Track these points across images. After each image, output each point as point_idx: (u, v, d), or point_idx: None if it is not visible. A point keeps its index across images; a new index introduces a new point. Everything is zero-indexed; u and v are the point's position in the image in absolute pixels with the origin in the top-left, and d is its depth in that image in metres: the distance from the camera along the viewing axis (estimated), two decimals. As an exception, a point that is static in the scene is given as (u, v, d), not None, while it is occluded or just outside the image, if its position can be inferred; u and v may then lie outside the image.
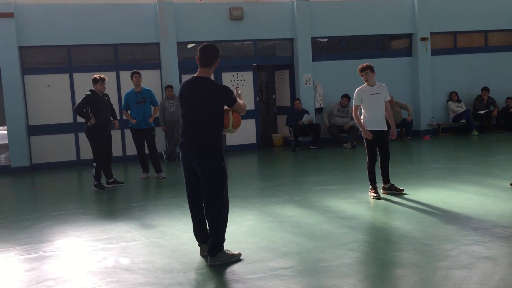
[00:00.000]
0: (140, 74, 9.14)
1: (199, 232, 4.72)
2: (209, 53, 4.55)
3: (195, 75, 4.56)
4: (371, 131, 6.80)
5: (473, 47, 14.13)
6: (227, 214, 4.58)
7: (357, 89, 6.89)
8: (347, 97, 12.50)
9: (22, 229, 6.16)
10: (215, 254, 4.50)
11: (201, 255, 4.71)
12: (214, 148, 4.45)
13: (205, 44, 4.62)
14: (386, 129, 6.86)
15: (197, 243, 4.78)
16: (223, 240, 4.57)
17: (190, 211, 4.71)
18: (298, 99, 12.42)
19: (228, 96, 4.48)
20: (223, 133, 4.61)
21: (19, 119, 11.06)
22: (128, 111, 9.11)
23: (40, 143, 11.42)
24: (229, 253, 4.58)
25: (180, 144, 4.59)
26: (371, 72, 6.78)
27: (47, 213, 6.97)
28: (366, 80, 6.82)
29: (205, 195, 4.50)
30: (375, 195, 6.77)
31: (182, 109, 4.60)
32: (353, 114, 7.00)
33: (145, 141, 9.14)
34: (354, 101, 6.88)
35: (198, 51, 4.55)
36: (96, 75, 8.43)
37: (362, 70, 6.82)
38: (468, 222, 5.46)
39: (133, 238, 5.52)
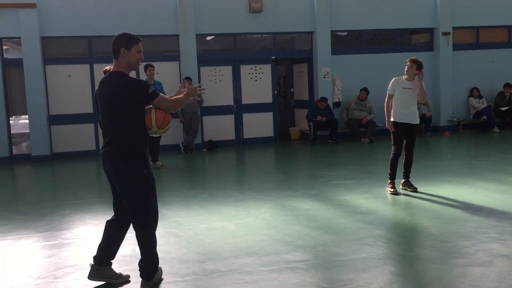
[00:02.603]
0: (154, 67, 9.26)
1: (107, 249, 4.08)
2: (114, 42, 3.86)
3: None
4: (398, 123, 6.71)
5: (496, 42, 13.87)
6: (153, 232, 4.02)
7: (393, 79, 6.81)
8: (366, 91, 12.42)
9: (42, 216, 6.27)
10: (151, 277, 3.97)
11: (88, 278, 4.05)
12: (133, 155, 3.81)
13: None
14: (415, 122, 6.74)
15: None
16: (156, 260, 4.05)
17: (105, 222, 4.17)
18: (325, 101, 12.13)
19: (142, 92, 3.76)
20: (151, 135, 3.98)
21: (40, 108, 11.23)
22: None
23: (61, 132, 11.59)
24: (160, 275, 4.10)
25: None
26: (416, 68, 6.62)
27: (66, 201, 7.08)
28: (406, 71, 6.70)
29: (128, 210, 3.92)
30: (392, 190, 6.72)
31: (100, 111, 3.96)
32: (385, 102, 6.89)
33: None
34: (387, 90, 6.80)
35: None
36: (107, 67, 8.41)
37: (411, 61, 6.65)
38: (487, 219, 5.39)
39: (150, 228, 5.57)
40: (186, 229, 5.48)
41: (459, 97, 13.59)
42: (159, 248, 4.79)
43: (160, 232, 5.37)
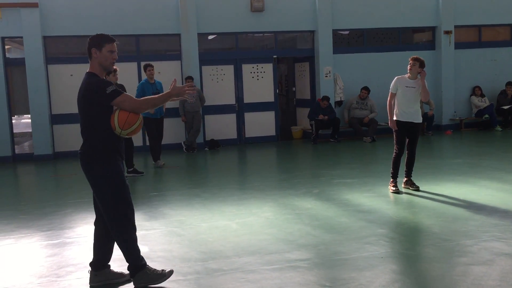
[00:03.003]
0: (153, 67, 9.34)
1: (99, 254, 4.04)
2: (87, 43, 3.92)
3: None
4: (400, 122, 6.71)
5: (498, 41, 13.85)
6: (127, 234, 3.88)
7: (396, 77, 6.81)
8: (366, 90, 12.42)
9: (44, 215, 6.29)
10: (134, 275, 3.92)
11: (90, 285, 4.03)
12: (98, 156, 3.77)
13: None
14: (418, 121, 6.74)
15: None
16: (137, 258, 3.93)
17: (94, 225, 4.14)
18: (327, 100, 12.14)
19: (100, 92, 3.70)
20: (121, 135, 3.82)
21: (42, 108, 11.25)
22: None
23: (63, 131, 11.60)
24: (153, 273, 3.94)
25: None
26: (418, 66, 6.63)
27: (69, 200, 7.10)
28: (409, 70, 6.70)
29: (101, 210, 3.90)
30: (394, 189, 6.71)
31: None
32: (387, 101, 6.88)
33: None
34: (390, 88, 6.80)
35: None
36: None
37: (413, 59, 6.66)
38: (489, 218, 5.39)
39: (152, 227, 5.58)
40: (188, 228, 5.48)
41: (461, 95, 13.57)
42: (161, 247, 4.82)
43: (162, 231, 5.40)
